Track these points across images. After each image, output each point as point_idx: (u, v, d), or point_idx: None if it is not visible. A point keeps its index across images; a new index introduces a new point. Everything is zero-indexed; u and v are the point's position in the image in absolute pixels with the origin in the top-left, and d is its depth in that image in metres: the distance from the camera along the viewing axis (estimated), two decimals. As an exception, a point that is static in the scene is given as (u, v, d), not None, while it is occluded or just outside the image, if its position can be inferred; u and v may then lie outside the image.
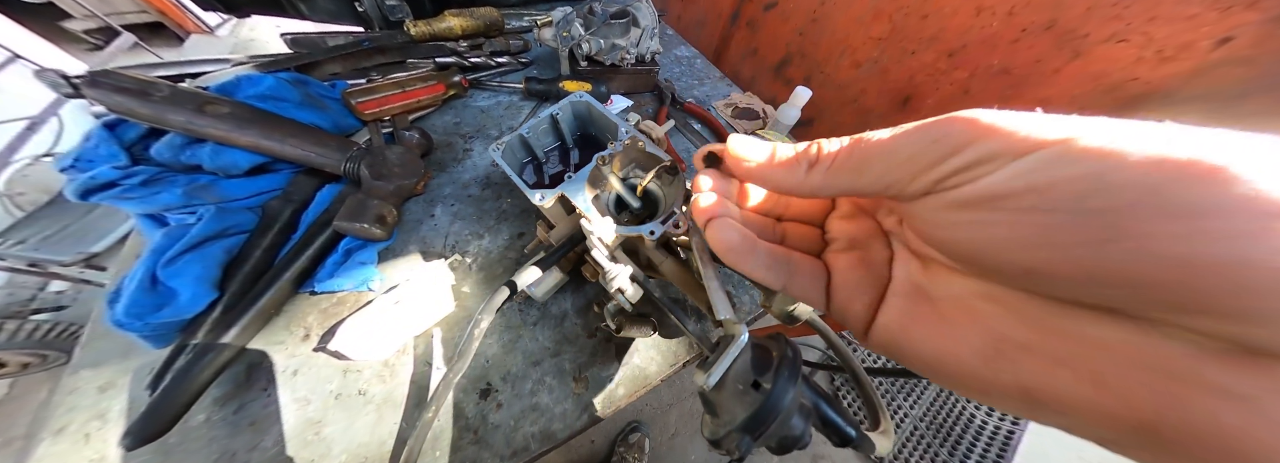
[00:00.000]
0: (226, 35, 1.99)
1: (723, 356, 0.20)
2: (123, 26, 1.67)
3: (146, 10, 1.77)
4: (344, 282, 0.39)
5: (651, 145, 0.31)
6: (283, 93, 0.42)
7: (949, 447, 1.29)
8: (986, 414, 1.34)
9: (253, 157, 0.39)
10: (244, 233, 0.39)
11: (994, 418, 1.33)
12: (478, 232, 0.45)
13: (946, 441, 1.30)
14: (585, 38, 0.52)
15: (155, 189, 0.37)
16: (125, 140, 0.37)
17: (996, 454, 1.23)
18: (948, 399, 1.37)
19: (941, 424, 1.33)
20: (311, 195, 0.42)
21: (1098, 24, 0.36)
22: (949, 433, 1.32)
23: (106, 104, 0.33)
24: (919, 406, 1.36)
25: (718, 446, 0.19)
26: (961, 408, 1.37)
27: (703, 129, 0.61)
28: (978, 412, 1.35)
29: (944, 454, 1.27)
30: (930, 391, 1.38)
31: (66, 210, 1.13)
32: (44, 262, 1.07)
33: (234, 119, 0.36)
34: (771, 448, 0.18)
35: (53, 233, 1.10)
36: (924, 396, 1.38)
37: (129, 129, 0.37)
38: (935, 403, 1.36)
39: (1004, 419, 1.33)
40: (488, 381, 0.36)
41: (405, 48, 0.55)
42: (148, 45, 1.71)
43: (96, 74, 0.33)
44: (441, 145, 0.52)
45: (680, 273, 0.29)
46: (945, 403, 1.37)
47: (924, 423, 1.33)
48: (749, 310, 0.43)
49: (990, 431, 1.30)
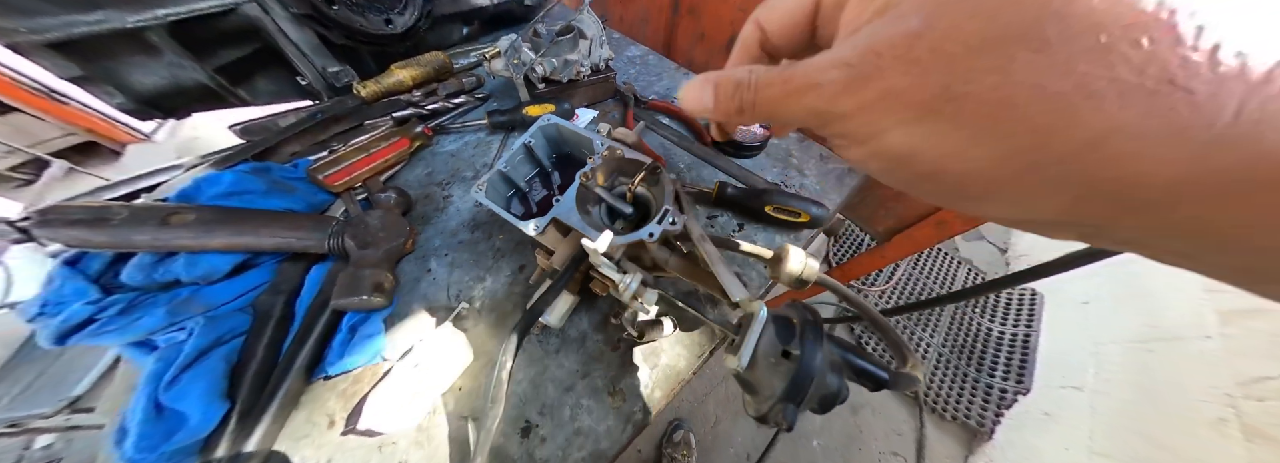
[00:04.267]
0: (165, 139, 1.91)
1: (748, 335, 0.21)
2: (51, 155, 1.58)
3: (73, 132, 1.68)
4: (356, 359, 0.38)
5: (629, 151, 0.32)
6: (246, 185, 0.41)
7: (975, 364, 1.34)
8: (1001, 324, 1.41)
9: (231, 257, 0.38)
10: (240, 336, 0.38)
11: (1009, 326, 1.39)
12: (478, 275, 0.44)
13: (971, 358, 1.36)
14: (537, 61, 0.53)
15: (135, 315, 0.36)
16: (91, 273, 0.36)
17: (1020, 359, 1.29)
18: (962, 320, 1.43)
19: (963, 345, 1.38)
20: (301, 281, 0.42)
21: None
22: (971, 351, 1.38)
23: (62, 240, 0.32)
24: (938, 333, 1.42)
25: (765, 420, 0.20)
26: (976, 324, 1.43)
27: (672, 122, 0.62)
28: (992, 324, 1.42)
29: (971, 372, 1.32)
30: (945, 317, 1.44)
31: (35, 358, 1.05)
32: (23, 419, 1.00)
33: (201, 224, 0.35)
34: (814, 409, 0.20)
35: (26, 386, 1.03)
36: (940, 322, 1.43)
37: (92, 260, 0.36)
38: (952, 327, 1.42)
39: (1017, 325, 1.40)
40: (526, 418, 0.35)
41: (359, 111, 0.54)
42: (83, 168, 1.62)
43: (44, 213, 0.31)
44: (420, 199, 0.51)
45: (687, 266, 0.30)
46: (961, 324, 1.43)
47: (946, 347, 1.39)
48: (759, 285, 0.45)
49: (1009, 338, 1.37)
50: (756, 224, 0.50)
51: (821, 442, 1.26)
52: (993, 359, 1.33)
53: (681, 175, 0.56)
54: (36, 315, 0.34)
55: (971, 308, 1.46)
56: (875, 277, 1.53)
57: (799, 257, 0.27)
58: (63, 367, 1.08)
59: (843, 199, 0.55)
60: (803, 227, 0.50)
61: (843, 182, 0.56)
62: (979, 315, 1.44)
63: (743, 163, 0.57)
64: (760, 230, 0.50)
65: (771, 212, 0.48)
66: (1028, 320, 1.39)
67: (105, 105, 0.42)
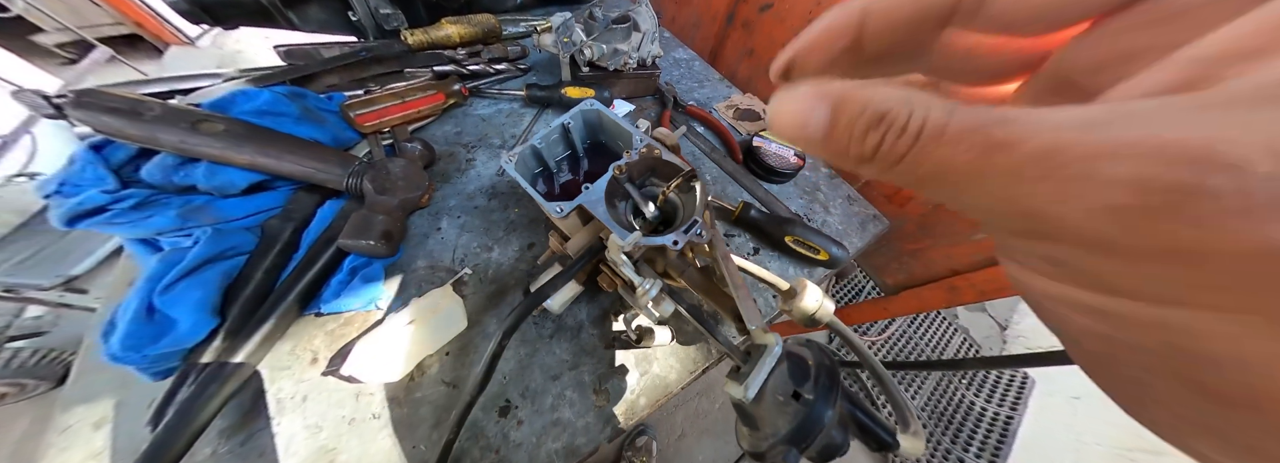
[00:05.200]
0: (208, 46, 1.93)
1: (759, 367, 0.20)
2: (97, 40, 1.61)
3: (122, 22, 1.71)
4: (351, 302, 0.38)
5: (668, 153, 0.31)
6: (280, 107, 0.41)
7: (950, 435, 1.31)
8: (985, 401, 1.37)
9: (250, 175, 0.38)
10: (243, 255, 0.38)
11: (992, 404, 1.36)
12: (486, 244, 0.44)
13: (949, 428, 1.33)
14: (587, 43, 0.52)
15: (147, 213, 0.36)
16: (113, 162, 0.35)
17: (997, 439, 1.26)
18: (946, 388, 1.40)
19: (943, 413, 1.35)
20: (312, 213, 0.41)
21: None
22: (950, 421, 1.35)
23: (94, 125, 0.32)
24: (919, 396, 1.39)
25: (761, 458, 0.19)
26: (960, 396, 1.39)
27: (706, 132, 0.61)
28: (976, 398, 1.38)
29: (946, 442, 1.29)
30: (930, 381, 1.41)
31: (42, 232, 1.08)
32: (19, 287, 1.03)
33: (230, 136, 0.35)
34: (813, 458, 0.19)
35: (28, 256, 1.05)
36: (924, 386, 1.40)
37: (117, 150, 0.36)
38: (935, 392, 1.39)
39: (1002, 405, 1.36)
40: (506, 397, 0.35)
41: (402, 57, 0.53)
42: (125, 59, 1.65)
43: (82, 93, 0.31)
44: (444, 156, 0.51)
45: (702, 280, 0.29)
46: (945, 392, 1.40)
47: (926, 413, 1.36)
48: (765, 313, 0.44)
49: (990, 417, 1.33)
50: (773, 252, 0.49)
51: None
52: (970, 434, 1.30)
53: (707, 187, 0.54)
54: (53, 193, 0.34)
55: (959, 379, 1.42)
56: (868, 327, 1.50)
57: (815, 295, 0.26)
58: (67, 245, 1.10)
59: (863, 245, 0.53)
60: (818, 264, 0.48)
61: (866, 228, 0.54)
62: (964, 387, 1.41)
63: (770, 187, 0.55)
64: (774, 258, 0.48)
65: (791, 243, 0.47)
66: (1014, 403, 1.35)
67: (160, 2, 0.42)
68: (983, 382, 1.42)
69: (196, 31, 1.89)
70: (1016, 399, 1.35)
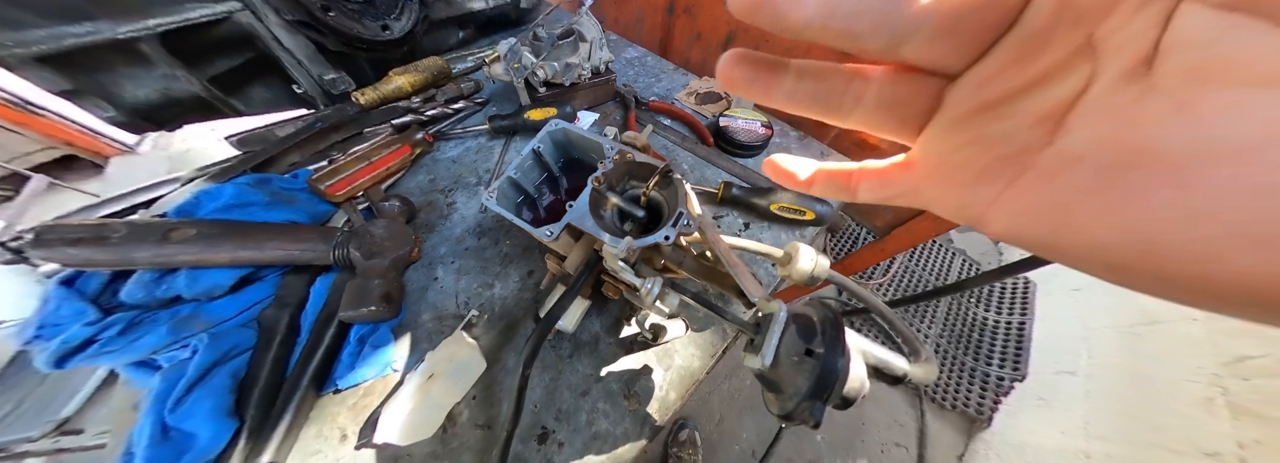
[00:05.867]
0: (150, 150, 1.85)
1: (769, 334, 0.21)
2: (30, 169, 1.53)
3: (53, 146, 1.63)
4: (365, 371, 0.37)
5: (640, 155, 0.32)
6: (246, 197, 0.40)
7: (972, 353, 1.37)
8: (996, 313, 1.43)
9: (233, 272, 0.37)
10: (246, 352, 0.37)
11: (1004, 315, 1.42)
12: (486, 282, 0.44)
13: (968, 348, 1.38)
14: (538, 65, 0.53)
15: (137, 334, 0.35)
16: (89, 293, 0.35)
17: (1016, 347, 1.32)
18: (958, 311, 1.46)
19: (960, 335, 1.41)
20: (305, 294, 0.41)
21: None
22: (968, 341, 1.40)
23: (60, 260, 0.31)
24: (935, 324, 1.44)
25: (790, 418, 0.20)
26: (972, 314, 1.45)
27: (674, 123, 0.63)
28: (988, 313, 1.44)
29: (969, 361, 1.35)
30: (942, 308, 1.46)
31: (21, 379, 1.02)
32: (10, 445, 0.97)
33: (204, 239, 0.34)
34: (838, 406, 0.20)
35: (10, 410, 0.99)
36: (937, 314, 1.46)
37: (89, 279, 0.35)
38: (949, 318, 1.44)
39: (1012, 313, 1.43)
40: (542, 424, 0.35)
41: (358, 119, 0.54)
42: (66, 183, 1.57)
43: (41, 231, 0.31)
44: (423, 206, 0.51)
45: (702, 267, 0.30)
46: (958, 315, 1.45)
47: (944, 338, 1.41)
48: (767, 283, 0.45)
49: (1004, 327, 1.39)
50: (762, 222, 0.50)
51: (825, 435, 1.27)
52: (990, 348, 1.36)
53: (686, 176, 0.56)
54: (33, 338, 0.33)
55: (967, 299, 1.48)
56: (872, 271, 1.55)
57: (810, 254, 0.27)
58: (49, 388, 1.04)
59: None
60: (808, 224, 0.50)
61: None
62: (974, 306, 1.47)
63: (745, 162, 0.57)
64: (766, 228, 0.50)
65: (777, 210, 0.49)
66: (1022, 309, 1.42)
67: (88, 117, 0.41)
68: (990, 297, 1.48)
69: (135, 138, 1.82)
70: (1024, 305, 1.42)
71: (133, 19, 0.40)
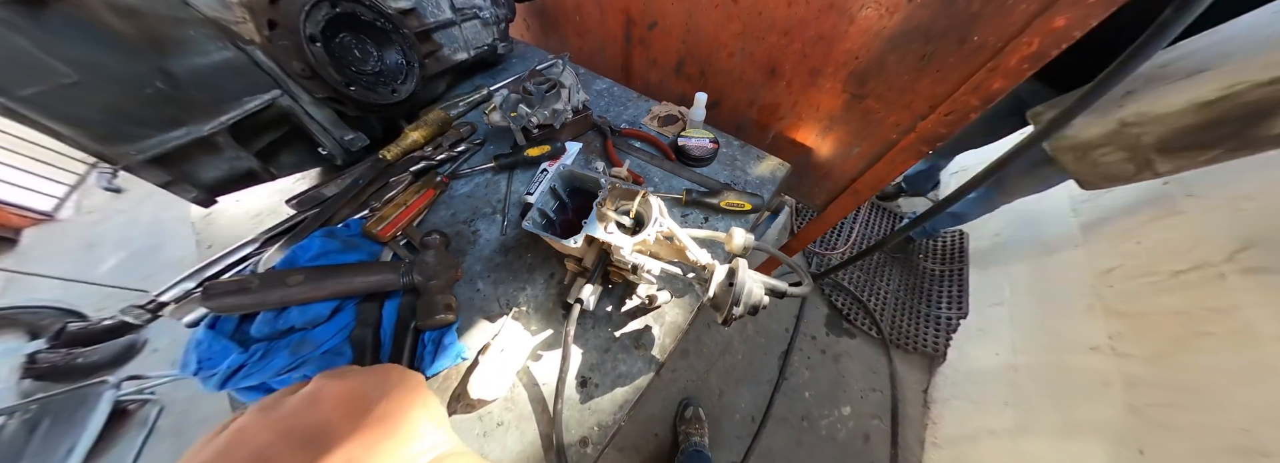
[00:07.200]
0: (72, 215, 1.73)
1: (713, 281, 0.37)
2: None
3: None
4: (444, 362, 0.51)
5: (626, 184, 0.48)
6: (328, 246, 0.53)
7: (925, 300, 1.59)
8: (940, 264, 1.67)
9: (330, 303, 0.49)
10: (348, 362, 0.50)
11: (945, 264, 1.66)
12: (520, 286, 0.58)
13: (921, 296, 1.61)
14: (532, 114, 0.66)
15: (269, 360, 0.47)
16: (226, 332, 0.46)
17: (957, 290, 1.56)
18: (911, 266, 1.68)
19: (913, 286, 1.64)
20: (379, 315, 0.53)
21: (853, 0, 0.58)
22: (920, 290, 1.63)
23: (218, 308, 0.43)
24: (892, 280, 1.66)
25: (727, 323, 0.36)
26: (922, 267, 1.68)
27: (643, 145, 0.77)
28: (934, 265, 1.67)
29: (923, 308, 1.57)
30: (897, 266, 1.69)
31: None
32: None
33: (310, 281, 0.46)
34: (749, 313, 0.36)
35: None
36: (893, 272, 1.68)
37: (226, 322, 0.46)
38: (904, 273, 1.67)
39: (951, 262, 1.66)
40: (582, 375, 0.51)
41: (386, 171, 0.66)
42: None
43: (207, 288, 0.42)
44: (454, 236, 0.63)
45: (669, 248, 0.46)
46: (910, 269, 1.68)
47: (902, 291, 1.63)
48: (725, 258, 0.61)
49: (946, 275, 1.63)
50: (718, 216, 0.67)
51: (812, 392, 1.46)
52: (938, 294, 1.59)
53: (656, 188, 0.71)
54: (197, 371, 0.45)
55: (917, 255, 1.71)
56: (834, 239, 1.76)
57: (740, 235, 0.43)
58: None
59: (777, 187, 0.72)
60: (750, 213, 0.67)
61: (776, 175, 0.74)
62: (923, 259, 1.70)
63: (702, 171, 0.73)
64: (721, 220, 0.66)
65: (727, 205, 0.65)
66: (959, 257, 1.65)
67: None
68: (934, 250, 1.72)
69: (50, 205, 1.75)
70: (960, 254, 1.66)
71: (212, 118, 0.51)
